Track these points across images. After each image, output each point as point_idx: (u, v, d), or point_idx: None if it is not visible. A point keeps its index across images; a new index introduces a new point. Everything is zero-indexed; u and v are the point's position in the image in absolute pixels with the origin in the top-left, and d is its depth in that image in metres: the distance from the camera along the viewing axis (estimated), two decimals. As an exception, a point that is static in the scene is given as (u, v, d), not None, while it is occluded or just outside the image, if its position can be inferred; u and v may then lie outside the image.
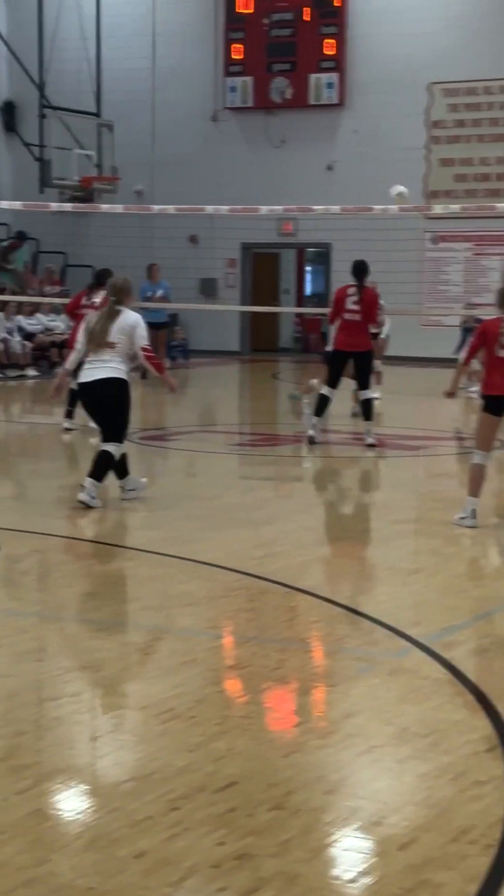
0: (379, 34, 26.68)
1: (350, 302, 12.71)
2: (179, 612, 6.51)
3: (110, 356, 9.21)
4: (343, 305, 12.76)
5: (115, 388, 9.25)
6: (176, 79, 28.41)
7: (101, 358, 9.23)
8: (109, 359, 9.21)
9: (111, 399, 9.28)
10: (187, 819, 3.94)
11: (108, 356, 9.21)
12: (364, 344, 12.79)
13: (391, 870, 3.62)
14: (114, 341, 9.19)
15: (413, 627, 6.22)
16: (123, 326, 9.24)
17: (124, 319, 9.26)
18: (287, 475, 11.98)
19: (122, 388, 9.29)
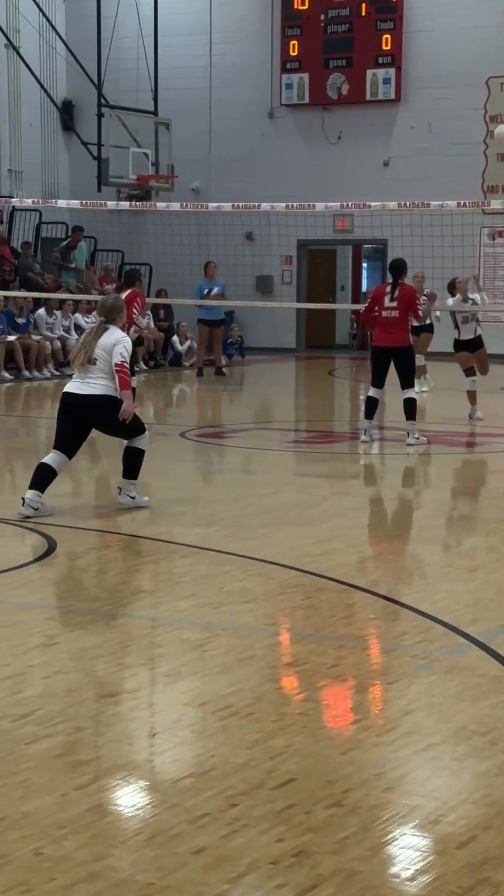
0: (436, 29, 26.56)
1: (387, 299, 12.73)
2: (237, 609, 6.52)
3: (94, 374, 9.03)
4: (379, 303, 12.80)
5: (102, 404, 9.02)
6: (232, 76, 28.44)
7: (85, 377, 9.05)
8: (92, 377, 9.03)
9: (103, 414, 9.05)
10: (246, 815, 3.95)
11: (91, 374, 9.04)
12: (402, 340, 12.78)
13: (450, 868, 3.61)
14: (96, 357, 9.02)
15: (471, 625, 6.20)
16: (105, 344, 9.07)
17: (107, 337, 9.10)
18: (343, 472, 11.96)
19: (109, 402, 9.01)
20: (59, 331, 22.46)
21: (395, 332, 12.69)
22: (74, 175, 29.03)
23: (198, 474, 11.64)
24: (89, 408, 9.01)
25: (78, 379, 9.12)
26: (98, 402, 8.99)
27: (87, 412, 9.04)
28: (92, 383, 9.03)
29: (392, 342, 12.70)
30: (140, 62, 26.08)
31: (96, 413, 9.04)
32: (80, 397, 9.02)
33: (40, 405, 18.41)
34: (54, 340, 22.10)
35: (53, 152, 29.26)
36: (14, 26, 26.77)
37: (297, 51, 27.78)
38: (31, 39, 27.25)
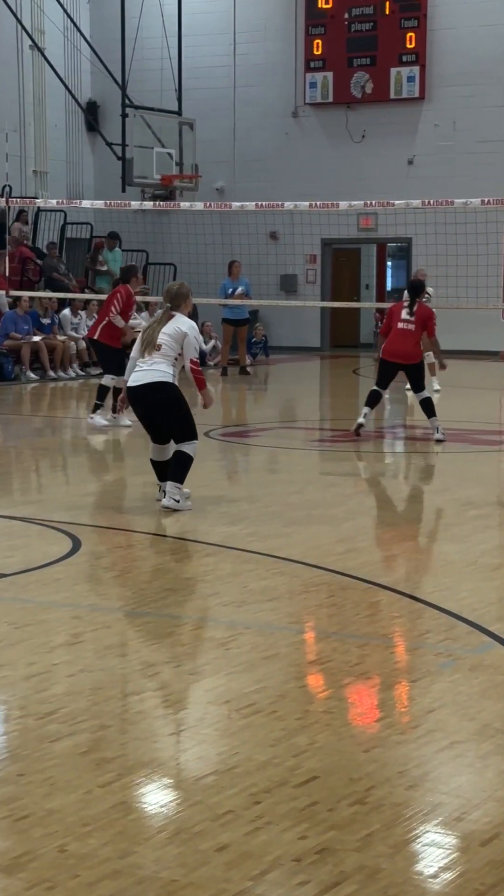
0: (460, 27, 26.52)
1: (404, 313, 12.84)
2: (261, 608, 6.53)
3: (156, 359, 9.06)
4: (396, 318, 12.90)
5: (163, 393, 9.05)
6: (256, 75, 28.46)
7: (148, 361, 9.09)
8: (155, 362, 9.06)
9: (162, 404, 9.09)
10: (269, 813, 3.96)
11: (154, 359, 9.07)
12: (414, 356, 12.88)
13: (473, 866, 3.61)
14: (161, 343, 9.06)
15: (495, 623, 6.19)
16: (171, 331, 9.09)
17: (174, 323, 9.13)
18: (367, 471, 11.95)
19: (170, 392, 9.07)
20: (84, 331, 22.52)
21: (407, 346, 12.77)
22: (99, 175, 29.12)
23: (222, 473, 11.65)
24: (151, 396, 9.06)
25: (139, 370, 9.13)
26: (158, 390, 9.02)
27: (150, 401, 9.09)
28: (151, 370, 9.05)
29: (402, 358, 12.83)
30: (164, 62, 26.14)
31: (156, 399, 9.06)
32: (140, 388, 9.07)
33: (65, 405, 18.46)
34: (79, 341, 22.16)
35: (78, 153, 29.35)
36: (38, 28, 26.86)
37: (321, 49, 27.78)
38: (56, 41, 27.33)
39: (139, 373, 9.12)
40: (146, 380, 9.05)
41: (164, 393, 9.03)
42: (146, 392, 9.06)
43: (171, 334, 9.06)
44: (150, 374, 9.05)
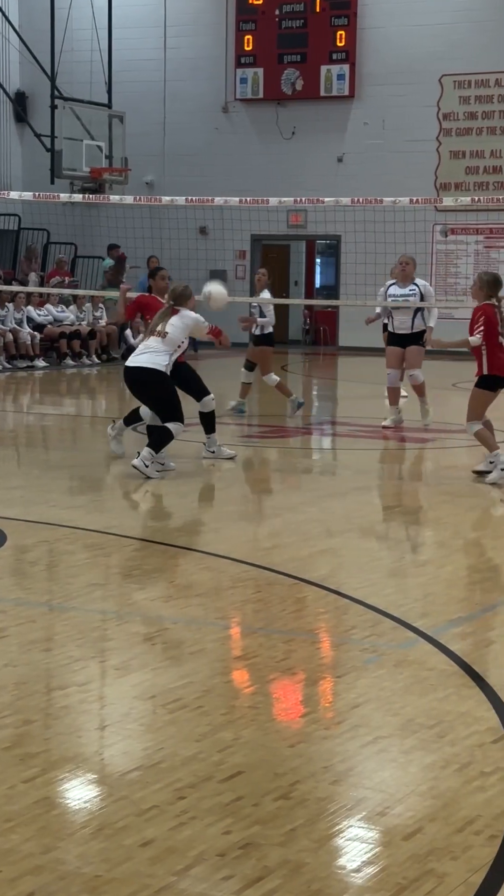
0: (390, 26, 26.66)
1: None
2: (187, 603, 6.53)
3: (158, 346, 10.10)
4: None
5: (149, 379, 10.08)
6: (187, 70, 28.41)
7: (149, 346, 10.16)
8: (155, 349, 10.10)
9: (147, 388, 10.14)
10: (193, 808, 3.96)
11: (156, 345, 10.11)
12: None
13: (395, 860, 3.64)
14: (168, 331, 10.12)
15: (420, 619, 6.24)
16: (178, 322, 10.23)
17: (181, 315, 10.30)
18: (295, 467, 11.99)
19: (156, 378, 10.04)
20: (11, 323, 22.34)
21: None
22: (27, 167, 28.89)
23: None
24: (135, 379, 10.18)
25: (139, 351, 10.26)
26: (143, 374, 10.08)
27: (136, 384, 10.21)
28: (147, 355, 10.13)
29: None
30: (94, 54, 25.99)
31: (141, 385, 10.17)
32: (128, 370, 10.22)
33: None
34: (6, 333, 21.98)
35: (6, 144, 29.10)
36: (-33, 16, 26.60)
37: (251, 45, 27.80)
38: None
39: (137, 355, 10.24)
40: (139, 363, 10.12)
41: (150, 378, 10.07)
42: (135, 373, 10.15)
43: (178, 325, 10.20)
44: (144, 359, 10.11)
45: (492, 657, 5.64)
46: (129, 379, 10.32)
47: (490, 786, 4.19)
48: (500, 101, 26.13)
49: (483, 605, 6.63)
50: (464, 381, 20.26)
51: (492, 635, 6.00)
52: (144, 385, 10.21)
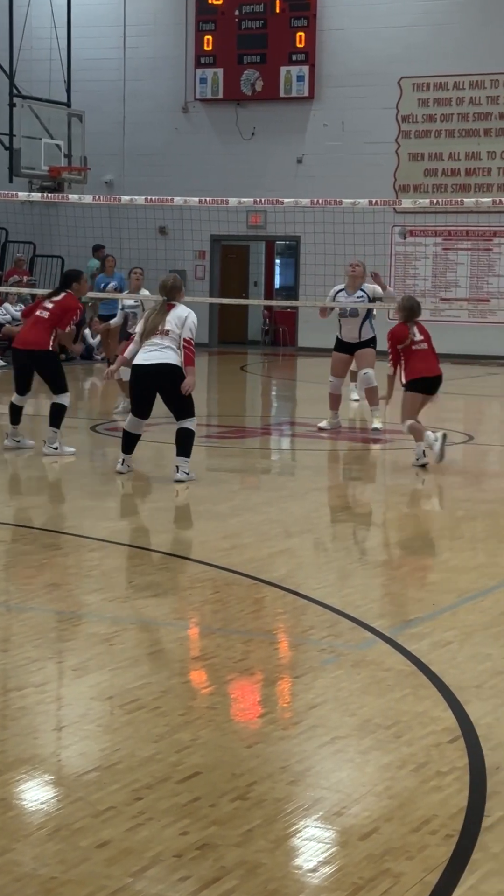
0: (349, 28, 26.73)
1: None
2: (146, 603, 6.52)
3: (166, 343, 9.99)
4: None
5: (172, 375, 9.94)
6: (146, 69, 28.37)
7: (156, 342, 10.00)
8: (165, 346, 9.98)
9: (169, 384, 9.98)
10: (150, 809, 3.96)
11: (164, 343, 9.99)
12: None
13: (352, 859, 3.65)
14: (168, 328, 10.00)
15: (378, 619, 6.26)
16: (175, 318, 10.04)
17: (176, 311, 10.12)
18: (254, 467, 12.00)
19: (177, 372, 9.96)
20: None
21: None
22: (-15, 165, 28.73)
23: (108, 468, 11.60)
24: (158, 375, 9.96)
25: (148, 349, 10.03)
26: (167, 369, 9.92)
27: (155, 379, 9.98)
28: (162, 352, 9.97)
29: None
30: (53, 53, 25.90)
31: (163, 380, 9.99)
32: (149, 367, 9.95)
33: None
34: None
35: (-36, 142, 28.92)
36: None
37: (211, 46, 27.81)
38: None
39: (150, 353, 10.00)
40: (157, 360, 9.95)
41: (172, 375, 9.95)
42: (155, 371, 9.94)
43: (175, 320, 10.03)
44: (161, 355, 9.95)
45: (449, 657, 5.67)
46: (146, 377, 10.06)
47: (446, 785, 4.21)
48: (458, 103, 26.27)
49: (440, 606, 6.66)
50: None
51: (448, 635, 6.02)
52: (163, 382, 10.03)
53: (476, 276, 26.48)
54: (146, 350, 10.07)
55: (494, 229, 25.76)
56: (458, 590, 7.01)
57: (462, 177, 26.26)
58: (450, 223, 25.62)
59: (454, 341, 25.88)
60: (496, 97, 25.99)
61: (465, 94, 26.17)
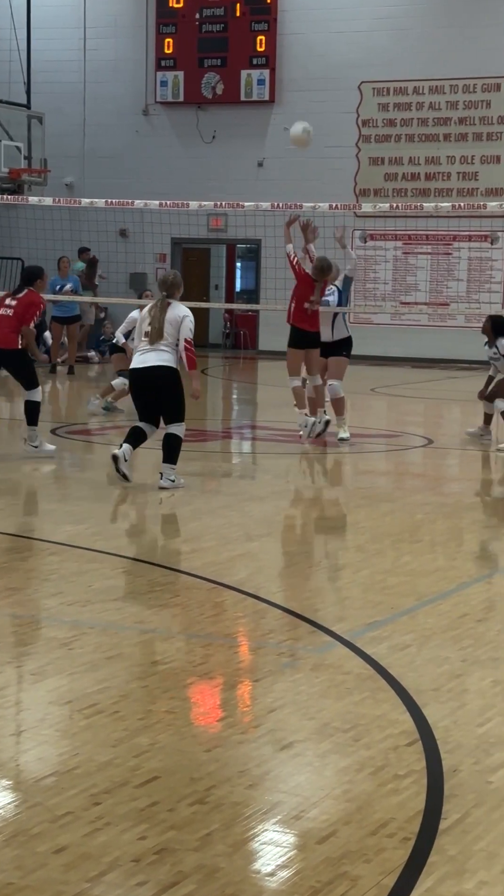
0: (310, 32, 26.81)
1: None
2: (105, 607, 6.51)
3: (161, 346, 9.93)
4: None
5: (167, 379, 9.93)
6: (107, 72, 28.33)
7: (153, 346, 9.94)
8: (161, 349, 9.93)
9: (163, 386, 9.95)
10: (109, 814, 3.95)
11: (160, 345, 9.93)
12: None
13: (310, 863, 3.66)
14: (165, 332, 9.94)
15: (337, 623, 6.28)
16: (172, 318, 9.96)
17: (173, 310, 10.01)
18: (214, 471, 12.00)
19: (173, 377, 9.98)
20: None
21: None
22: None
23: (68, 471, 11.57)
24: (154, 378, 9.94)
25: (145, 352, 9.99)
26: (161, 372, 9.89)
27: (152, 382, 9.97)
28: (158, 354, 9.92)
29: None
30: (13, 54, 25.81)
31: (158, 382, 9.95)
32: (148, 370, 9.94)
33: None
34: None
35: None
36: None
37: (171, 48, 27.80)
38: None
39: (146, 355, 9.97)
40: (153, 362, 9.91)
41: (167, 378, 9.94)
42: (151, 373, 9.92)
43: (171, 321, 9.95)
44: (157, 357, 9.91)
45: (407, 660, 5.69)
46: (142, 380, 10.05)
47: (404, 788, 4.23)
48: (418, 108, 26.39)
49: (399, 609, 6.69)
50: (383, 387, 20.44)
51: (407, 639, 6.05)
52: (161, 386, 9.98)
53: (436, 281, 26.61)
54: (141, 352, 10.05)
55: (454, 234, 25.88)
56: (416, 593, 7.04)
57: (422, 181, 26.38)
58: (410, 227, 25.72)
59: (414, 345, 26.02)
60: (455, 102, 26.13)
61: (425, 99, 26.29)
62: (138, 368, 10.02)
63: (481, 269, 26.29)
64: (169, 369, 9.94)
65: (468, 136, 26.15)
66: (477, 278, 26.36)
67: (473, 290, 26.31)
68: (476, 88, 25.96)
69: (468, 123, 26.14)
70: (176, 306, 10.10)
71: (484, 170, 26.08)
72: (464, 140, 26.17)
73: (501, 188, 25.84)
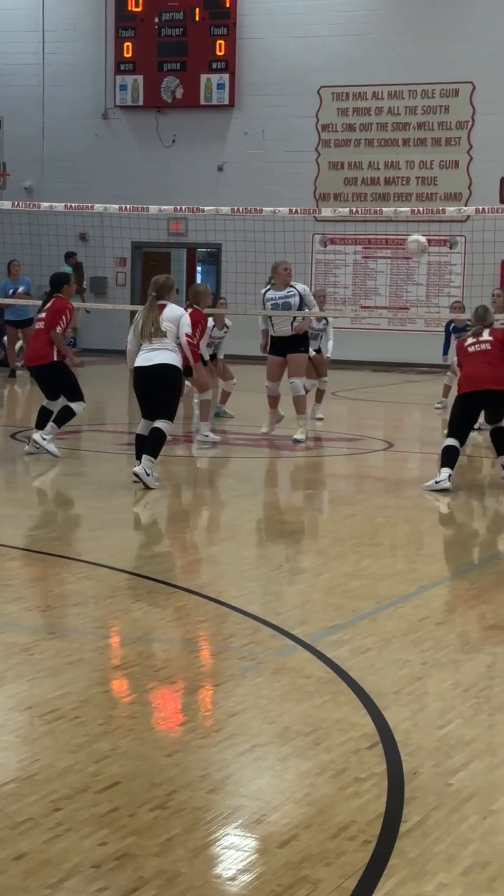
0: (269, 37, 26.86)
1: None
2: (66, 612, 6.49)
3: (164, 344, 10.14)
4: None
5: (167, 372, 10.10)
6: (66, 75, 28.27)
7: (155, 345, 10.12)
8: (164, 348, 10.13)
9: (163, 383, 10.12)
10: (69, 820, 3.94)
11: (162, 343, 10.14)
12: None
13: (270, 867, 3.66)
14: (165, 329, 10.17)
15: (298, 627, 6.29)
16: (170, 317, 10.24)
17: (171, 311, 10.31)
18: (176, 475, 11.98)
19: (174, 372, 10.16)
20: None
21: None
22: None
23: (29, 476, 11.52)
24: (154, 376, 10.10)
25: (147, 351, 10.15)
26: (163, 370, 10.08)
27: (152, 380, 10.13)
28: (162, 353, 10.09)
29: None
30: (-28, 58, 25.73)
31: (158, 378, 10.09)
32: (151, 368, 10.12)
33: None
34: None
35: None
36: None
37: (131, 52, 27.78)
38: None
39: (150, 353, 10.14)
40: (155, 360, 10.10)
41: (167, 374, 10.11)
42: (151, 371, 10.10)
43: (171, 319, 10.22)
44: (159, 356, 10.10)
45: (368, 664, 5.70)
46: (145, 378, 10.20)
47: (364, 791, 4.24)
48: (377, 113, 26.49)
49: (360, 612, 6.70)
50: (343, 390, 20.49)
51: (368, 642, 6.07)
52: (160, 382, 10.14)
53: (395, 285, 26.72)
54: (145, 351, 10.20)
55: (413, 238, 25.96)
56: (377, 596, 7.06)
57: (381, 186, 26.48)
58: (369, 232, 25.81)
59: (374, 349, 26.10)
60: (414, 107, 26.25)
61: (384, 104, 26.40)
62: (142, 367, 10.19)
63: (440, 273, 26.42)
64: (171, 367, 10.16)
65: (427, 142, 26.28)
66: (436, 283, 26.49)
67: (433, 294, 26.43)
68: (435, 94, 26.09)
69: (427, 128, 26.28)
70: (172, 306, 10.41)
71: (443, 175, 26.21)
72: (423, 145, 26.30)
73: (460, 193, 25.98)
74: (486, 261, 21.49)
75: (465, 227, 24.46)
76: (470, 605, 6.93)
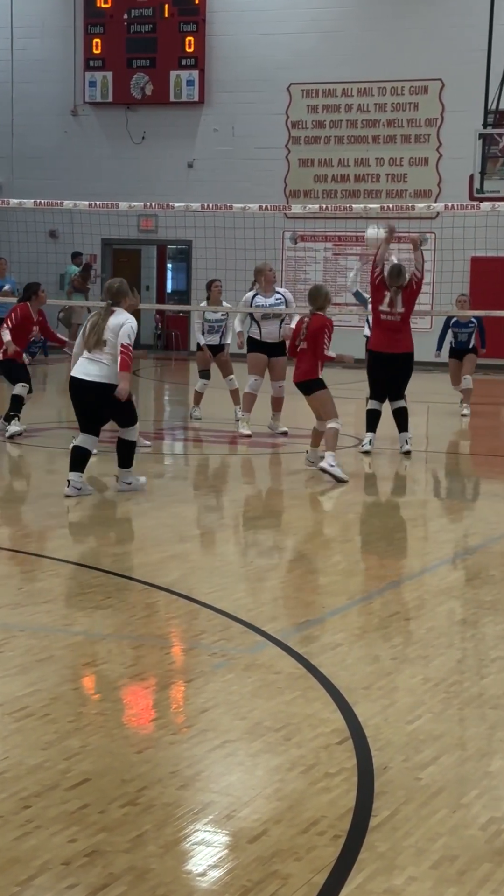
0: (238, 34, 26.84)
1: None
2: (35, 610, 6.47)
3: (103, 355, 9.73)
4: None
5: (103, 392, 9.71)
6: (35, 72, 28.16)
7: (94, 356, 9.76)
8: (102, 360, 9.73)
9: (104, 399, 9.73)
10: (39, 817, 3.93)
11: (100, 354, 9.74)
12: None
13: (241, 862, 3.66)
14: (106, 338, 9.74)
15: (269, 623, 6.29)
16: (113, 325, 9.77)
17: (115, 318, 9.84)
18: (146, 472, 11.96)
19: (108, 390, 9.70)
20: None
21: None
22: None
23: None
24: (96, 392, 9.74)
25: (86, 361, 9.78)
26: (99, 388, 9.71)
27: (88, 394, 9.78)
28: (99, 367, 9.74)
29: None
30: None
31: (97, 397, 9.76)
32: (87, 384, 9.74)
33: None
34: None
35: None
36: None
37: (100, 49, 27.70)
38: None
39: (87, 365, 9.77)
40: (91, 376, 9.73)
41: (105, 393, 9.70)
42: (88, 387, 9.75)
43: (112, 328, 9.76)
44: (96, 370, 9.73)
45: (338, 659, 5.72)
46: (78, 390, 9.85)
47: (335, 786, 4.25)
48: (346, 110, 26.51)
49: (330, 608, 6.72)
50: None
51: (338, 638, 6.08)
52: (98, 399, 9.77)
53: (366, 282, 26.70)
54: (83, 363, 9.81)
55: (383, 235, 26.01)
56: (347, 592, 7.08)
57: (351, 183, 26.51)
58: (339, 229, 25.82)
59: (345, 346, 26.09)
60: (384, 104, 26.29)
61: (354, 102, 26.42)
62: (76, 378, 9.85)
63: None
64: (104, 386, 9.72)
65: (397, 139, 26.32)
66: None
67: (403, 291, 26.45)
68: (404, 91, 26.13)
69: (396, 126, 26.32)
70: (119, 313, 9.92)
71: (412, 172, 26.26)
72: (392, 142, 26.34)
73: (430, 190, 26.03)
74: (455, 257, 21.54)
75: (434, 224, 24.51)
76: (439, 600, 6.96)
